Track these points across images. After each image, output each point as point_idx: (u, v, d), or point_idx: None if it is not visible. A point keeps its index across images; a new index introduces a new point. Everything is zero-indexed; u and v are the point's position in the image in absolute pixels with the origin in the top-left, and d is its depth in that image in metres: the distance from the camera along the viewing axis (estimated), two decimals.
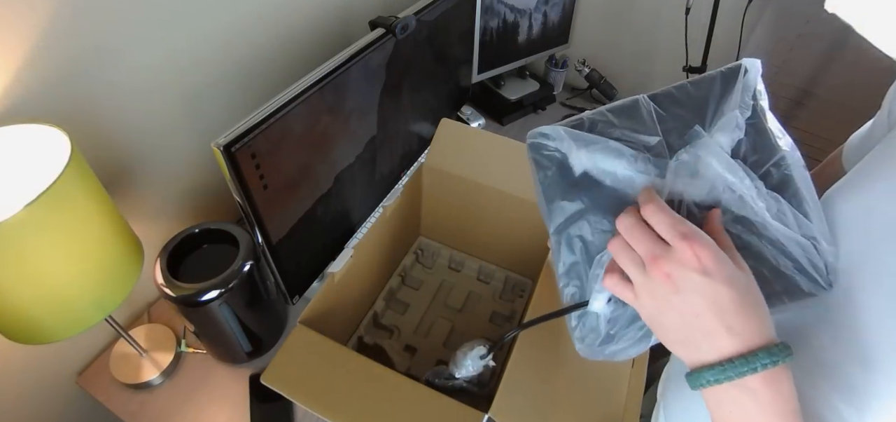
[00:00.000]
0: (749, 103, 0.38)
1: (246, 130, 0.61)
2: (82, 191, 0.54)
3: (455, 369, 0.60)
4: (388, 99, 0.91)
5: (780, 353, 0.31)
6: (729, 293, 0.32)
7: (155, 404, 0.75)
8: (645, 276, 0.34)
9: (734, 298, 0.32)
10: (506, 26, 1.25)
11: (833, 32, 1.22)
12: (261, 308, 0.76)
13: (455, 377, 0.60)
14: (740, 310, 0.32)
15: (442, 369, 0.63)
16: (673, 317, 0.34)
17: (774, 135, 0.38)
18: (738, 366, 0.31)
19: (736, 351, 0.32)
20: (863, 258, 0.36)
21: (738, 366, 0.31)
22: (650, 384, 0.64)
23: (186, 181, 0.87)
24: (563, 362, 0.57)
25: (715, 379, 0.32)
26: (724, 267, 0.32)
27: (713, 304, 0.32)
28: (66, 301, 0.55)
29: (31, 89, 0.59)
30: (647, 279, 0.34)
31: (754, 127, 0.38)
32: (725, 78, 0.39)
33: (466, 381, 0.61)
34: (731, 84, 0.38)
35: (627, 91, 1.45)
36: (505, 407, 0.49)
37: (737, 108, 0.37)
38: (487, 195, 0.82)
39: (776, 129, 0.38)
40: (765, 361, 0.31)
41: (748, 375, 0.31)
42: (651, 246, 0.34)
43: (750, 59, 0.38)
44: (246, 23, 0.84)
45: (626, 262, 0.36)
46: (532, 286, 0.91)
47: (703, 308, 0.32)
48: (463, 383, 0.61)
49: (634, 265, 0.35)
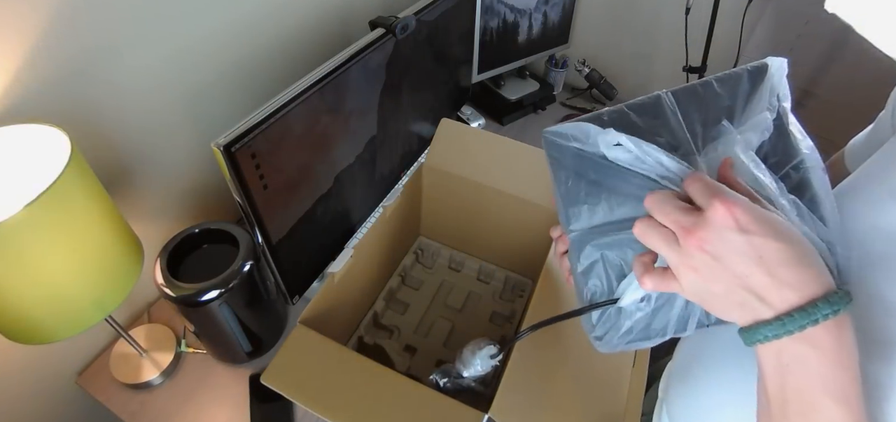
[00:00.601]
0: (775, 105, 0.37)
1: (246, 130, 0.61)
2: (82, 191, 0.54)
3: (463, 367, 0.60)
4: (388, 99, 0.91)
5: (840, 300, 0.29)
6: (775, 246, 0.30)
7: (155, 404, 0.75)
8: (680, 252, 0.32)
9: (781, 249, 0.30)
10: (506, 26, 1.25)
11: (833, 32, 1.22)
12: (261, 308, 0.76)
13: (462, 376, 0.60)
14: (790, 261, 0.30)
15: (449, 368, 0.62)
16: (720, 286, 0.32)
17: (796, 137, 0.37)
18: (797, 319, 0.29)
19: (794, 303, 0.30)
20: (873, 259, 0.35)
21: (798, 319, 0.29)
22: (651, 383, 0.64)
23: (186, 181, 0.87)
24: (564, 361, 0.57)
25: (773, 334, 0.30)
26: (762, 220, 0.30)
27: (759, 261, 0.30)
28: (66, 301, 0.55)
29: (31, 89, 0.59)
30: (684, 255, 0.32)
31: (777, 128, 0.37)
32: (752, 77, 0.38)
33: (474, 380, 0.60)
34: (757, 83, 0.38)
35: (627, 91, 1.45)
36: (505, 407, 0.49)
37: (766, 109, 0.37)
38: (487, 195, 0.82)
39: (798, 131, 0.37)
40: (826, 311, 0.29)
41: (809, 327, 0.29)
42: (680, 216, 0.32)
43: (777, 58, 0.37)
44: (246, 23, 0.84)
45: (657, 241, 0.34)
46: (532, 286, 0.91)
47: (750, 268, 0.30)
48: (471, 382, 0.61)
49: (666, 244, 0.33)
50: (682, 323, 0.39)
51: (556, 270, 0.66)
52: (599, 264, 0.39)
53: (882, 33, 1.12)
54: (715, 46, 1.12)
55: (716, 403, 0.49)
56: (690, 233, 0.31)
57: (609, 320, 0.40)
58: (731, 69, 0.39)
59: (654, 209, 0.34)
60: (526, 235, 0.83)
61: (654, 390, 0.67)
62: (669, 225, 0.33)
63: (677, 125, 0.38)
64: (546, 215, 0.78)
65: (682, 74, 1.18)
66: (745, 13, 1.09)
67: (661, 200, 0.33)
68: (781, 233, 0.30)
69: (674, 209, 0.32)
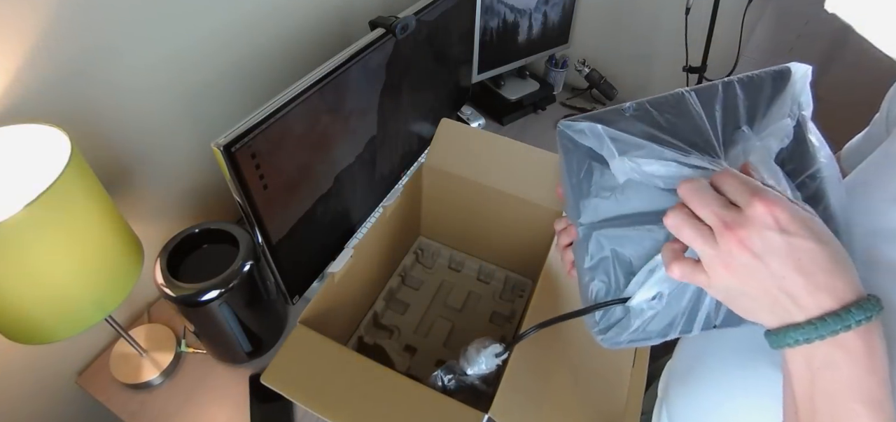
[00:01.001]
0: (796, 112, 0.37)
1: (246, 130, 0.61)
2: (82, 191, 0.54)
3: (467, 365, 0.60)
4: (388, 99, 0.91)
5: (872, 307, 0.29)
6: (814, 249, 0.30)
7: (155, 404, 0.75)
8: (715, 247, 0.32)
9: (819, 252, 0.30)
10: (506, 26, 1.25)
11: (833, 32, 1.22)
12: (261, 308, 0.76)
13: (466, 374, 0.60)
14: (827, 266, 0.30)
15: (453, 365, 0.62)
16: (754, 285, 0.31)
17: (814, 145, 0.37)
18: (830, 324, 0.29)
19: (827, 308, 0.30)
20: (880, 266, 0.35)
21: (831, 324, 0.29)
22: (651, 382, 0.64)
23: (186, 181, 0.87)
24: (564, 360, 0.57)
25: (805, 338, 0.30)
26: (803, 222, 0.30)
27: (798, 264, 0.30)
28: (66, 301, 0.55)
29: (31, 89, 0.59)
30: (719, 251, 0.31)
31: (795, 135, 0.37)
32: (775, 82, 0.38)
33: (478, 378, 0.60)
34: (779, 88, 0.37)
35: (627, 91, 1.45)
36: (505, 406, 0.49)
37: (787, 115, 0.36)
38: (487, 195, 0.82)
39: (816, 139, 0.37)
40: (858, 317, 0.29)
41: (841, 332, 0.29)
42: (721, 210, 0.31)
43: (801, 64, 0.37)
44: (246, 23, 0.84)
45: (691, 235, 0.33)
46: (532, 286, 0.91)
47: (787, 270, 0.30)
48: (475, 380, 0.60)
49: (701, 238, 0.32)
50: (689, 323, 0.38)
51: (556, 266, 0.65)
52: (608, 260, 0.39)
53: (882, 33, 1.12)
54: (715, 46, 1.12)
55: (716, 403, 0.49)
56: (730, 230, 0.31)
57: (615, 316, 0.40)
58: (754, 71, 0.38)
59: (693, 199, 0.33)
60: (526, 235, 0.83)
61: (653, 389, 0.67)
62: (707, 218, 0.32)
63: (701, 125, 0.37)
64: (546, 215, 0.78)
65: (682, 74, 1.18)
66: (745, 13, 1.09)
67: (699, 190, 0.33)
68: (819, 235, 0.30)
69: (713, 201, 0.32)
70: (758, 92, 0.38)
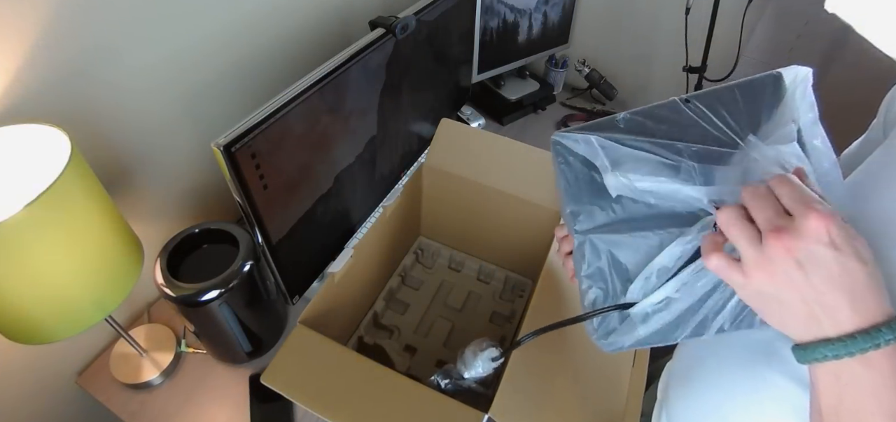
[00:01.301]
0: (798, 117, 0.37)
1: (246, 129, 0.61)
2: (82, 191, 0.54)
3: (464, 368, 0.60)
4: (388, 99, 0.91)
5: None
6: (858, 269, 0.30)
7: (155, 404, 0.75)
8: (760, 251, 0.32)
9: (861, 271, 0.30)
10: (506, 26, 1.25)
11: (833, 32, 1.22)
12: (261, 308, 0.76)
13: (463, 377, 0.60)
14: (868, 286, 0.30)
15: (450, 369, 0.62)
16: (793, 295, 0.31)
17: (820, 150, 0.37)
18: (860, 342, 0.30)
19: (858, 327, 0.30)
20: None
21: (861, 342, 0.30)
22: (651, 382, 0.64)
23: (186, 181, 0.87)
24: (564, 361, 0.57)
25: (834, 354, 0.30)
26: (852, 240, 0.30)
27: (841, 281, 0.30)
28: (66, 301, 0.55)
29: (31, 89, 0.59)
30: (764, 255, 0.32)
31: (798, 140, 0.37)
32: (775, 86, 0.37)
33: (475, 381, 0.60)
34: (780, 93, 0.37)
35: (627, 91, 1.45)
36: (505, 407, 0.49)
37: (791, 121, 0.36)
38: (487, 195, 0.82)
39: (822, 144, 0.37)
40: (888, 336, 0.29)
41: (871, 350, 0.30)
42: (775, 217, 0.31)
43: (801, 67, 0.37)
44: (246, 23, 0.84)
45: (739, 235, 0.33)
46: (532, 286, 0.91)
47: (829, 286, 0.30)
48: (472, 383, 0.61)
49: (748, 240, 0.32)
50: (700, 328, 0.38)
51: (557, 270, 0.66)
52: (606, 266, 0.39)
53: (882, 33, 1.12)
54: (715, 46, 1.12)
55: (716, 405, 0.49)
56: (779, 236, 0.31)
57: (609, 322, 0.40)
58: (753, 76, 0.38)
59: (753, 202, 0.33)
60: (526, 235, 0.83)
61: (653, 389, 0.67)
62: (760, 221, 0.32)
63: (696, 132, 0.37)
64: (546, 215, 0.78)
65: (682, 74, 1.17)
66: (745, 13, 1.09)
67: (761, 195, 0.33)
68: (863, 255, 0.31)
69: (771, 207, 0.32)
70: (758, 97, 0.37)
